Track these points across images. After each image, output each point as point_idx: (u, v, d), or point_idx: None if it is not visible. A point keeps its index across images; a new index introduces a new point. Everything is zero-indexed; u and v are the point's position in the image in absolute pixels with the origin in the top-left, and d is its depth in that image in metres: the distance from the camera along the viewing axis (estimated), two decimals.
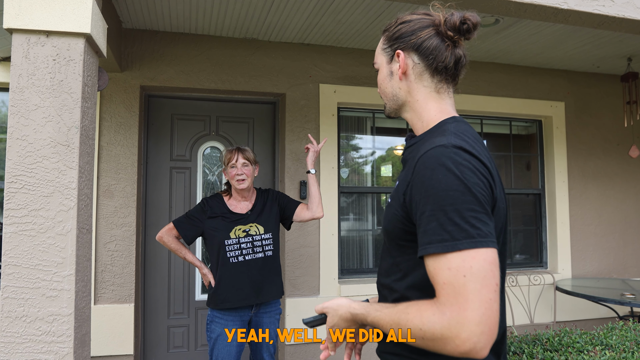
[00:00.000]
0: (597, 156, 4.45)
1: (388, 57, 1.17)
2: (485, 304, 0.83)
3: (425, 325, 0.88)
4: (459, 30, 1.07)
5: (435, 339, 0.87)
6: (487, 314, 0.83)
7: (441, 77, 1.11)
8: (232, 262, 2.59)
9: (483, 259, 0.86)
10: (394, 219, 1.04)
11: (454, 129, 1.02)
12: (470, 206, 0.88)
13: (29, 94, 1.90)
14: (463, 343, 0.83)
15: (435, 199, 0.90)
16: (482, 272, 0.85)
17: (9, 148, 1.87)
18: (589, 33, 3.48)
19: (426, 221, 0.91)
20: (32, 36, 1.92)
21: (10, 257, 1.85)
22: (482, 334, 0.82)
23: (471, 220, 0.87)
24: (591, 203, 4.40)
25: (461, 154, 0.93)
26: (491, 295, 0.84)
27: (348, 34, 3.55)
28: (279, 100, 3.83)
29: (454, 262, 0.86)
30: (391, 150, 4.17)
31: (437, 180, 0.91)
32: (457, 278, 0.85)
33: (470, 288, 0.84)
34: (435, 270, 0.89)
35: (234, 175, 2.64)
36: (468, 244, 0.86)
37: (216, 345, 2.57)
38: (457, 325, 0.83)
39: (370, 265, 4.01)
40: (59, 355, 1.86)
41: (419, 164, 0.97)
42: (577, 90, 4.45)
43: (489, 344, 0.84)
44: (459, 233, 0.87)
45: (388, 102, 1.20)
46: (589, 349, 1.65)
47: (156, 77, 3.45)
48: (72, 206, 1.91)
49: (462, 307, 0.84)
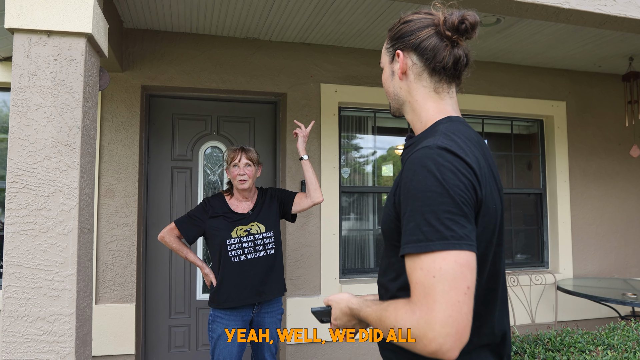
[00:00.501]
0: (598, 156, 4.45)
1: (390, 57, 1.18)
2: (452, 306, 0.83)
3: (399, 323, 0.90)
4: (458, 29, 1.06)
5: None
6: (453, 316, 0.83)
7: (440, 77, 1.10)
8: (234, 262, 2.59)
9: (454, 261, 0.86)
10: (388, 219, 1.05)
11: (445, 129, 1.02)
12: (447, 208, 0.89)
13: (31, 93, 1.90)
14: (429, 343, 0.84)
15: (415, 200, 0.91)
16: (452, 274, 0.85)
17: (11, 148, 1.87)
18: (590, 32, 3.47)
19: (406, 221, 0.92)
20: (33, 36, 1.92)
21: (12, 257, 1.85)
22: (447, 336, 0.83)
23: (446, 222, 0.88)
24: (593, 203, 4.39)
25: (444, 155, 0.93)
26: (460, 297, 0.84)
27: (349, 34, 3.55)
28: (280, 100, 3.82)
29: (425, 262, 0.87)
30: (392, 149, 4.17)
31: (418, 182, 0.92)
32: (427, 279, 0.86)
33: (439, 289, 0.84)
34: (410, 270, 0.90)
35: (236, 175, 2.64)
36: (440, 245, 0.86)
37: (218, 345, 2.57)
38: (425, 325, 0.84)
39: (371, 265, 4.01)
40: (60, 355, 1.86)
41: (406, 165, 0.98)
42: (579, 90, 4.45)
43: (456, 346, 0.84)
44: (433, 234, 0.87)
45: (391, 102, 1.21)
46: (590, 349, 1.65)
47: (157, 76, 3.45)
48: (73, 206, 1.91)
49: (430, 307, 0.84)
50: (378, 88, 3.86)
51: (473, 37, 1.08)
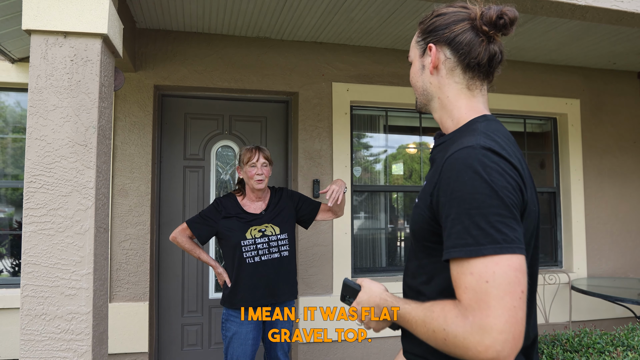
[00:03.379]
0: (613, 154, 4.39)
1: (421, 51, 1.14)
2: (508, 312, 0.81)
3: (449, 327, 0.86)
4: (495, 25, 1.03)
5: (457, 344, 0.84)
6: (510, 322, 0.80)
7: (473, 73, 1.07)
8: (249, 263, 2.58)
9: (507, 265, 0.83)
10: (420, 220, 1.02)
11: (484, 128, 0.99)
12: (497, 210, 0.86)
13: (48, 94, 1.92)
14: (486, 350, 0.80)
15: (461, 203, 0.88)
16: (506, 278, 0.82)
17: (28, 148, 1.89)
18: (605, 29, 3.43)
19: (451, 224, 0.89)
20: (50, 37, 1.94)
21: (30, 256, 1.87)
22: (505, 342, 0.80)
23: (497, 225, 0.85)
24: (607, 201, 4.34)
25: (490, 156, 0.90)
26: (515, 302, 0.81)
27: (361, 32, 3.54)
28: (291, 99, 3.82)
29: (476, 267, 0.84)
30: (402, 148, 4.15)
31: (463, 183, 0.89)
32: (480, 284, 0.83)
33: (493, 294, 0.81)
34: (457, 275, 0.87)
35: (254, 174, 2.61)
36: (492, 249, 0.84)
37: (231, 344, 2.58)
38: (480, 331, 0.81)
39: (383, 264, 4.00)
40: (77, 353, 1.87)
41: (446, 165, 0.94)
42: (593, 88, 4.39)
43: (513, 353, 0.81)
44: (483, 238, 0.84)
45: (419, 97, 1.18)
46: (610, 350, 1.63)
47: (170, 76, 3.46)
48: (89, 205, 1.92)
49: (484, 313, 0.81)
50: (390, 87, 3.84)
51: (510, 33, 1.05)
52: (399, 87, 3.86)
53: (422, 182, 4.12)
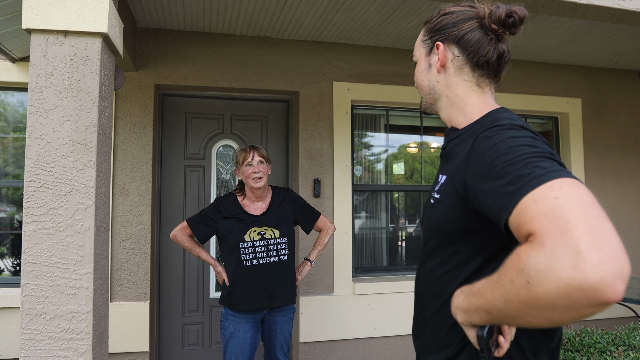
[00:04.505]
0: (614, 153, 4.38)
1: (427, 49, 1.14)
2: (592, 219, 0.65)
3: (527, 263, 0.68)
4: (504, 23, 1.02)
5: (543, 281, 0.65)
6: (599, 230, 0.64)
7: (482, 71, 1.07)
8: (246, 265, 2.56)
9: (574, 182, 0.71)
10: (450, 214, 0.97)
11: (508, 116, 0.97)
12: (545, 155, 0.79)
13: (48, 93, 1.92)
14: (582, 273, 0.61)
15: (504, 157, 0.82)
16: (577, 191, 0.70)
17: (28, 147, 1.89)
18: (607, 28, 3.42)
19: (498, 184, 0.80)
20: (50, 36, 1.93)
21: (30, 255, 1.87)
22: (604, 255, 0.62)
23: (550, 161, 0.77)
24: (609, 201, 4.33)
25: (522, 131, 0.88)
26: (596, 212, 0.66)
27: (362, 31, 3.53)
28: (292, 98, 3.82)
29: (539, 193, 0.71)
30: (404, 147, 4.14)
31: (502, 142, 0.84)
32: (548, 203, 0.69)
33: (568, 206, 0.67)
34: (519, 217, 0.73)
35: (250, 173, 2.60)
36: (553, 174, 0.73)
37: (230, 343, 2.57)
38: (566, 250, 0.63)
39: (384, 264, 3.99)
40: (78, 352, 1.87)
41: (477, 143, 0.91)
42: (594, 87, 4.38)
43: (618, 269, 0.61)
44: (540, 170, 0.75)
45: (424, 96, 1.17)
46: (611, 350, 1.63)
47: (170, 76, 3.46)
48: (90, 205, 1.92)
49: (564, 228, 0.65)
50: (391, 86, 3.84)
51: (518, 32, 1.04)
52: (400, 87, 3.86)
53: (423, 182, 4.11)
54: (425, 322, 1.09)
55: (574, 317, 0.67)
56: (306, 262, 2.82)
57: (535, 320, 0.70)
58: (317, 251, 2.81)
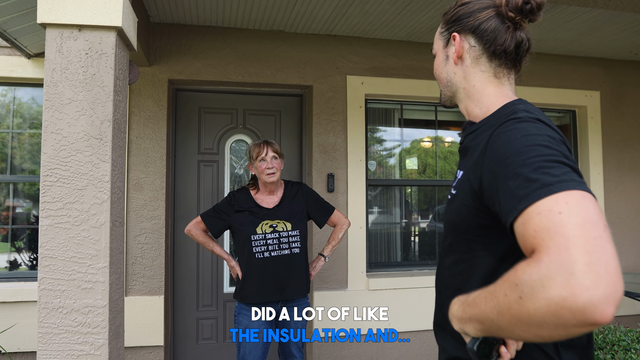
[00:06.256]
0: (634, 147, 4.29)
1: (444, 41, 1.12)
2: (593, 241, 0.64)
3: (522, 278, 0.68)
4: (522, 10, 1.00)
5: (535, 297, 0.65)
6: (598, 252, 0.63)
7: (500, 61, 1.04)
8: (258, 258, 2.57)
9: (581, 196, 0.70)
10: (464, 210, 0.96)
11: (525, 108, 0.95)
12: (558, 158, 0.78)
13: (63, 87, 1.92)
14: (573, 294, 0.61)
15: (516, 158, 0.80)
16: (583, 207, 0.68)
17: (44, 142, 1.90)
18: (628, 19, 3.33)
19: (508, 185, 0.79)
20: (65, 30, 1.93)
21: (47, 250, 1.88)
22: (597, 278, 0.61)
23: (561, 168, 0.76)
24: (628, 196, 4.24)
25: (538, 125, 0.86)
26: (599, 232, 0.65)
27: (375, 25, 3.49)
28: (305, 93, 3.80)
29: (544, 205, 0.71)
30: (417, 142, 4.10)
31: (517, 140, 0.83)
32: (551, 217, 0.68)
33: (570, 224, 0.66)
34: (523, 227, 0.73)
35: (264, 169, 2.60)
36: (563, 185, 0.72)
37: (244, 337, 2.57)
38: (561, 269, 0.63)
39: (398, 259, 3.96)
40: (94, 346, 1.88)
41: (493, 138, 0.90)
42: (613, 79, 4.29)
43: (611, 293, 0.61)
44: (548, 178, 0.73)
45: (443, 89, 1.15)
46: (636, 348, 1.58)
47: (184, 70, 3.46)
48: (105, 199, 1.92)
49: (563, 246, 0.65)
50: (405, 79, 3.79)
51: (537, 19, 1.02)
52: (415, 80, 3.81)
53: (437, 177, 4.07)
54: (445, 319, 1.08)
55: (563, 335, 0.67)
56: (320, 257, 2.81)
57: (524, 334, 0.71)
58: (332, 246, 2.79)
